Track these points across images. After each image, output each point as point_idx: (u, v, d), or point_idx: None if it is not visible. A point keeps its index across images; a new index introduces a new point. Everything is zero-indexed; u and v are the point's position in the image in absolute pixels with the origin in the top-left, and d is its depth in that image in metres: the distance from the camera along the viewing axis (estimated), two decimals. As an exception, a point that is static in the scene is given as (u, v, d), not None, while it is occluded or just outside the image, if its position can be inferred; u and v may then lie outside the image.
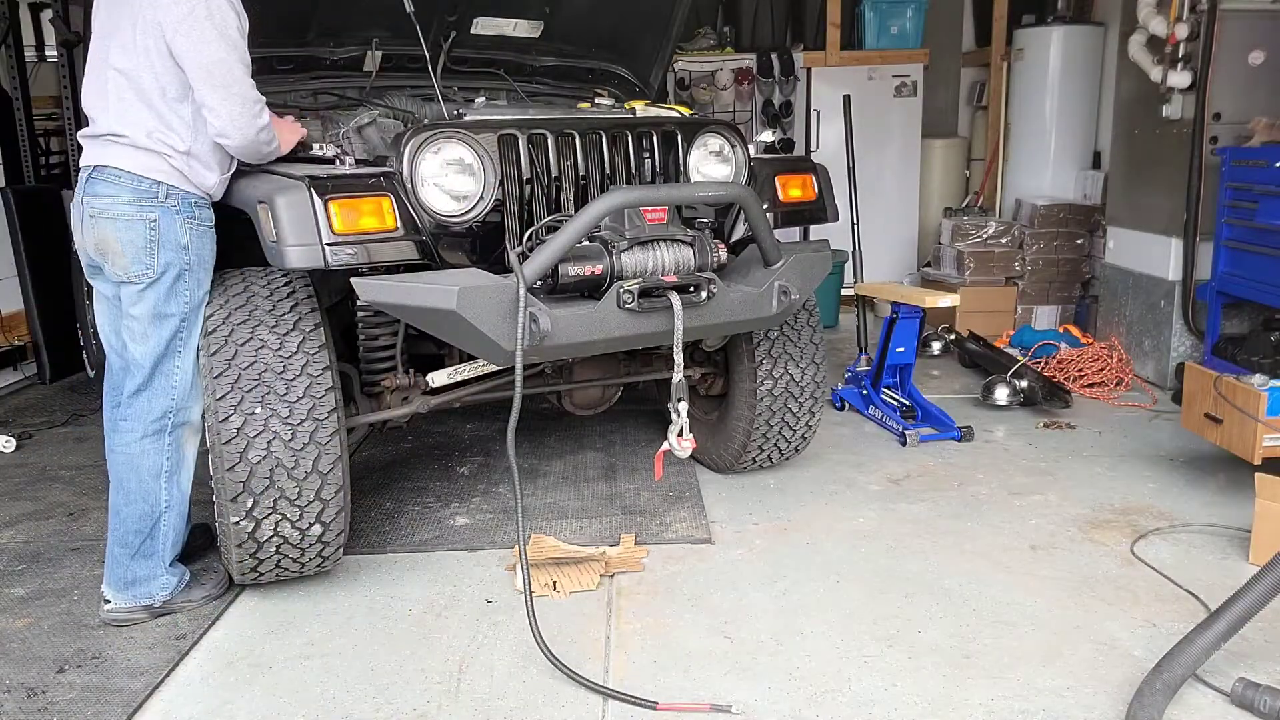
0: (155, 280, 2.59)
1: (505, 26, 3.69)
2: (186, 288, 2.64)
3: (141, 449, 2.68)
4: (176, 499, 2.75)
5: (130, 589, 2.75)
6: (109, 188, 2.56)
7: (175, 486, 2.74)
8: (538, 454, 4.11)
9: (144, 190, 2.56)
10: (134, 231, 2.56)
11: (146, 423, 2.67)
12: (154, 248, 2.57)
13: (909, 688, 2.39)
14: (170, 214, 2.58)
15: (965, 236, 6.27)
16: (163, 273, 2.59)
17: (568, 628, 2.70)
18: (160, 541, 2.74)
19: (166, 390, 2.67)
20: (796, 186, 3.33)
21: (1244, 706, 2.24)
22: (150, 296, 2.60)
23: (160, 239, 2.58)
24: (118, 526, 2.73)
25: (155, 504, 2.71)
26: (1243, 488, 3.39)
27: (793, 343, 3.51)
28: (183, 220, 2.60)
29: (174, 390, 2.67)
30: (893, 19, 6.96)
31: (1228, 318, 4.54)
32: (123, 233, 2.57)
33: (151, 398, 2.66)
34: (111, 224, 2.57)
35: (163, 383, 2.66)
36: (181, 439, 2.73)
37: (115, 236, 2.57)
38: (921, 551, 3.15)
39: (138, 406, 2.67)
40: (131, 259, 2.58)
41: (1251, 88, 4.56)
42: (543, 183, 2.89)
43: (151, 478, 2.69)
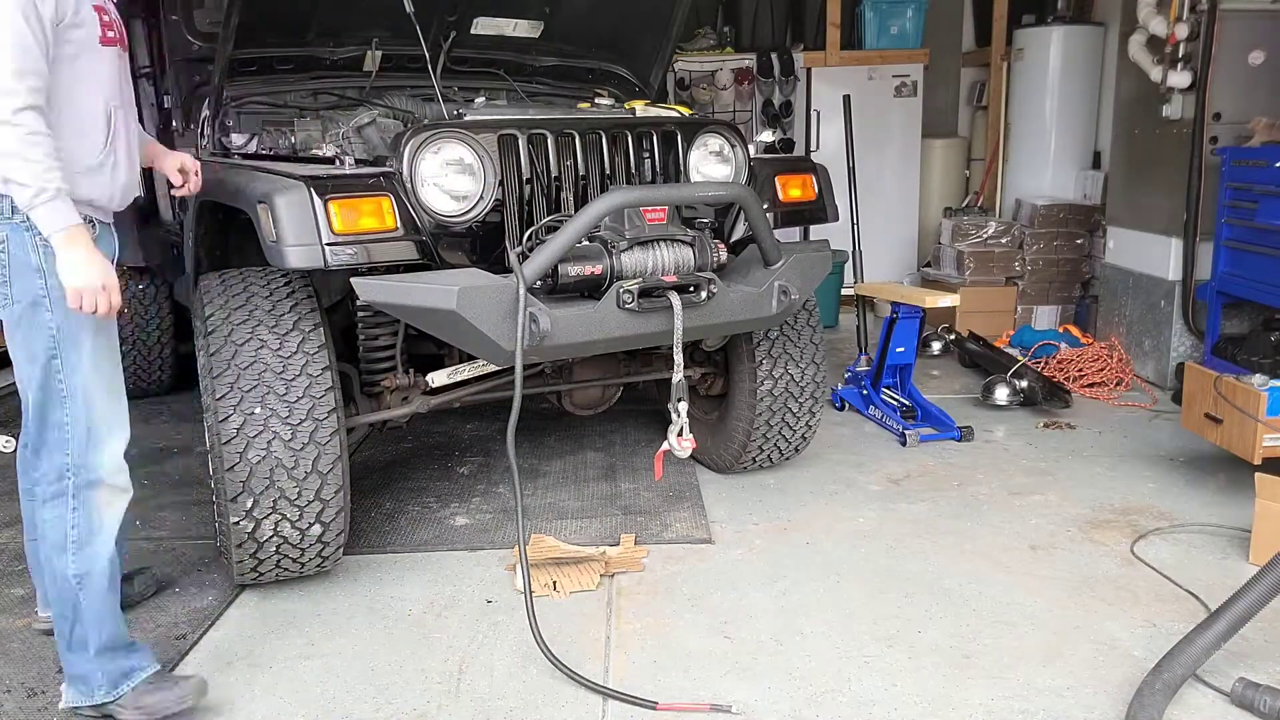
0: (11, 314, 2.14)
1: (505, 26, 3.69)
2: (51, 319, 2.13)
3: (44, 517, 2.23)
4: (91, 572, 2.23)
5: (74, 685, 2.29)
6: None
7: (86, 559, 2.22)
8: (538, 454, 4.11)
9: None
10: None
11: (45, 486, 2.22)
12: (5, 275, 2.11)
13: (909, 688, 2.39)
14: (19, 231, 2.09)
15: (965, 236, 6.27)
16: (17, 303, 2.12)
17: (568, 628, 2.70)
18: (84, 627, 2.23)
19: (59, 444, 2.18)
20: (796, 186, 3.33)
21: (1244, 706, 2.24)
22: (15, 334, 2.16)
23: (9, 262, 2.10)
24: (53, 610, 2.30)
25: (65, 582, 2.21)
26: (1243, 488, 3.39)
27: (793, 343, 3.51)
28: (34, 238, 2.09)
29: (66, 443, 2.18)
30: (893, 19, 6.96)
31: (1228, 318, 4.54)
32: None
33: (47, 454, 2.20)
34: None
35: (54, 435, 2.19)
36: (92, 502, 2.22)
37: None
38: (921, 551, 3.15)
39: (40, 468, 2.22)
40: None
41: (1251, 88, 4.56)
42: (543, 183, 2.89)
43: (57, 550, 2.21)
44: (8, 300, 2.13)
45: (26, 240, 2.09)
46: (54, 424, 2.18)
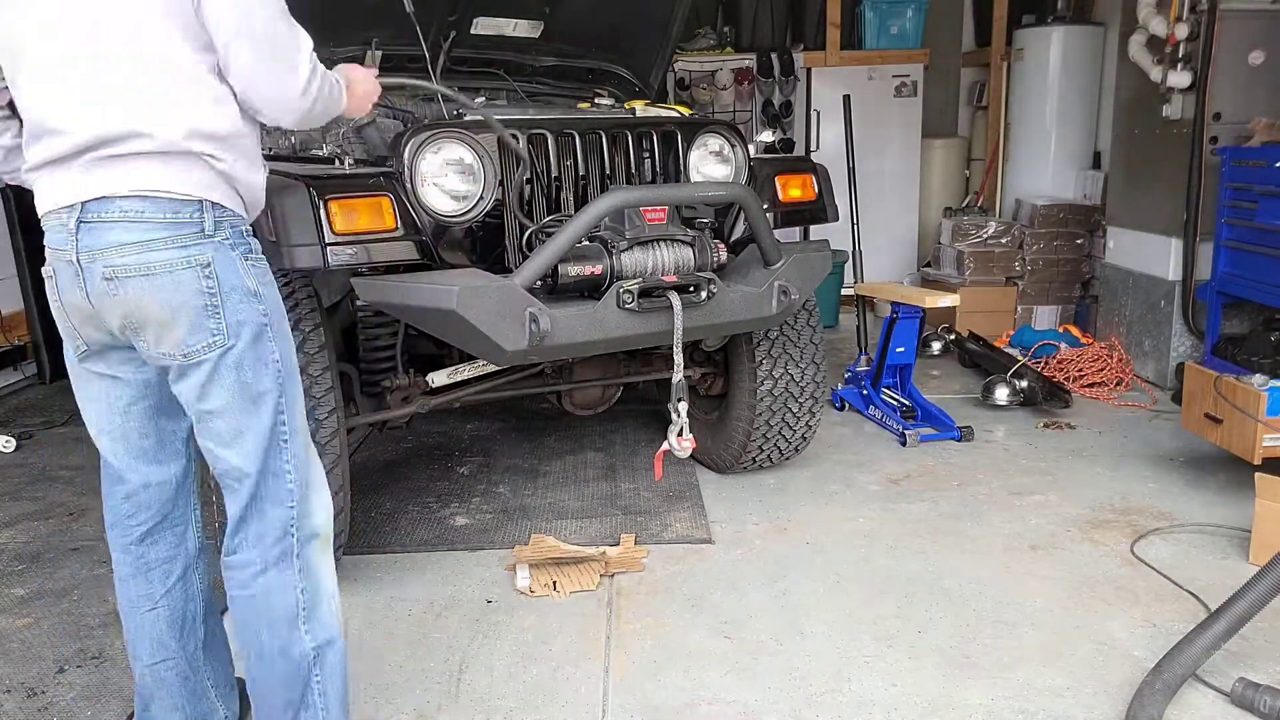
0: (226, 351, 1.78)
1: (505, 26, 3.69)
2: (275, 350, 1.84)
3: (265, 588, 1.87)
4: (333, 641, 1.94)
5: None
6: (133, 230, 1.71)
7: (320, 625, 1.92)
8: (538, 454, 4.11)
9: (183, 222, 1.73)
10: (184, 288, 1.73)
11: (265, 550, 1.87)
12: (216, 305, 1.76)
13: (909, 688, 2.39)
14: (225, 250, 1.77)
15: (965, 236, 6.27)
16: (235, 338, 1.78)
17: (568, 628, 2.70)
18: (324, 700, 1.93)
19: (280, 497, 1.87)
20: (796, 186, 3.33)
21: (1244, 706, 2.24)
22: (226, 378, 1.79)
23: (220, 289, 1.76)
24: (262, 703, 1.93)
25: (302, 658, 1.89)
26: (1243, 488, 3.39)
27: (793, 343, 3.51)
28: (241, 257, 1.80)
29: (290, 494, 1.88)
30: (893, 19, 6.96)
31: (1228, 318, 4.54)
32: (169, 294, 1.72)
33: (265, 514, 1.87)
34: (149, 284, 1.72)
35: (274, 487, 1.86)
36: (313, 558, 1.93)
37: (159, 301, 1.72)
38: (921, 551, 3.15)
39: (249, 532, 1.87)
40: (191, 330, 1.75)
41: (1251, 88, 4.56)
42: (543, 183, 2.89)
43: (288, 624, 1.88)
44: (219, 334, 1.76)
45: (234, 261, 1.78)
46: (274, 473, 1.85)
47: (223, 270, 1.76)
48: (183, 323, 1.74)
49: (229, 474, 1.86)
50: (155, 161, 1.71)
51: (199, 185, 1.74)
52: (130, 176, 1.70)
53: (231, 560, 1.90)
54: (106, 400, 1.91)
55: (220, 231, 1.77)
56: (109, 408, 1.92)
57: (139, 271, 1.71)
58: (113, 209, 1.70)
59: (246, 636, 1.91)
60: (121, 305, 1.73)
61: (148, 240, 1.71)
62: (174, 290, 1.72)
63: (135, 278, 1.71)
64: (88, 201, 1.71)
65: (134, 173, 1.70)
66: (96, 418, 1.94)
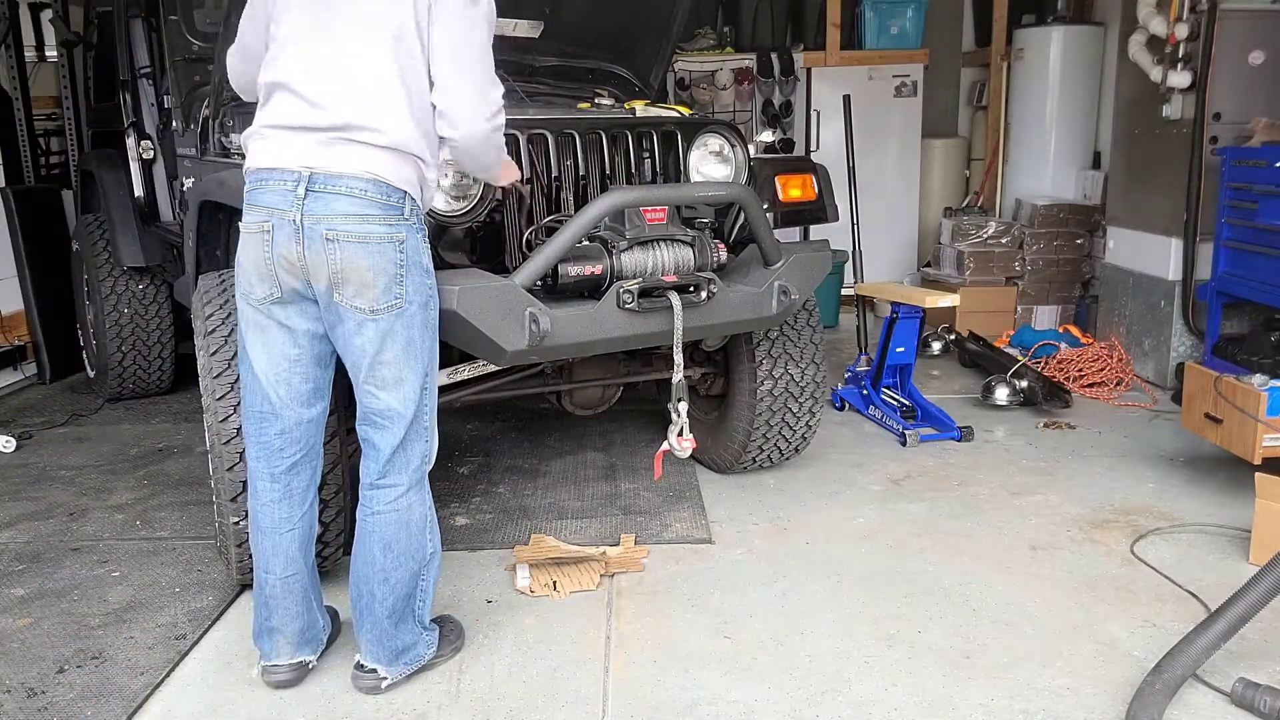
0: (401, 313, 2.20)
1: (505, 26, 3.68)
2: (434, 317, 2.30)
3: (408, 504, 2.33)
4: (439, 545, 2.45)
5: (401, 658, 2.41)
6: (359, 204, 2.11)
7: (436, 535, 2.44)
8: (538, 454, 4.11)
9: (393, 206, 2.15)
10: (385, 257, 2.14)
11: (408, 474, 2.32)
12: (402, 275, 2.18)
13: (909, 688, 2.39)
14: (414, 232, 2.20)
15: (965, 236, 6.27)
16: (411, 302, 2.21)
17: (568, 628, 2.70)
18: (425, 595, 2.44)
19: (422, 434, 2.33)
20: (796, 186, 3.33)
21: (1244, 706, 2.24)
22: (398, 333, 2.20)
23: (408, 263, 2.19)
24: (387, 596, 2.34)
25: (423, 559, 2.38)
26: (1243, 488, 3.39)
27: (793, 343, 3.51)
28: (422, 240, 2.25)
29: (428, 431, 2.34)
30: (893, 19, 6.96)
31: (1228, 318, 4.54)
32: (375, 259, 2.13)
33: (412, 446, 2.31)
34: (362, 249, 2.12)
35: (419, 427, 2.31)
36: (427, 483, 2.42)
37: (366, 264, 2.13)
38: (921, 551, 3.15)
39: (399, 460, 2.30)
40: (383, 290, 2.16)
41: (1251, 88, 4.56)
42: (542, 183, 2.89)
43: (419, 532, 2.36)
44: (401, 298, 2.18)
45: (419, 242, 2.22)
46: (420, 416, 2.30)
47: (411, 248, 2.19)
48: (380, 283, 2.14)
49: (385, 414, 2.26)
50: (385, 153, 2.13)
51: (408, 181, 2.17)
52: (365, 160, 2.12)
53: (381, 483, 2.31)
54: (280, 348, 2.26)
55: (414, 216, 2.20)
56: (282, 355, 2.27)
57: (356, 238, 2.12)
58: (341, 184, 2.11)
59: (386, 545, 2.32)
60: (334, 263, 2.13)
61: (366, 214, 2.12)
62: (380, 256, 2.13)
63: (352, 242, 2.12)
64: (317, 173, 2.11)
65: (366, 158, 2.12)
66: (267, 365, 2.28)
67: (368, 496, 2.33)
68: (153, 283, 4.76)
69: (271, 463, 2.34)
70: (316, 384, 2.33)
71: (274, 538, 2.36)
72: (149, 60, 4.21)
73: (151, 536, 3.35)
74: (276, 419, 2.30)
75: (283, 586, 2.38)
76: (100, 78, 5.07)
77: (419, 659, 2.45)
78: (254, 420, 2.32)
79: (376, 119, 2.12)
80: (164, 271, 4.70)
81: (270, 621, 2.41)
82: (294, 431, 2.32)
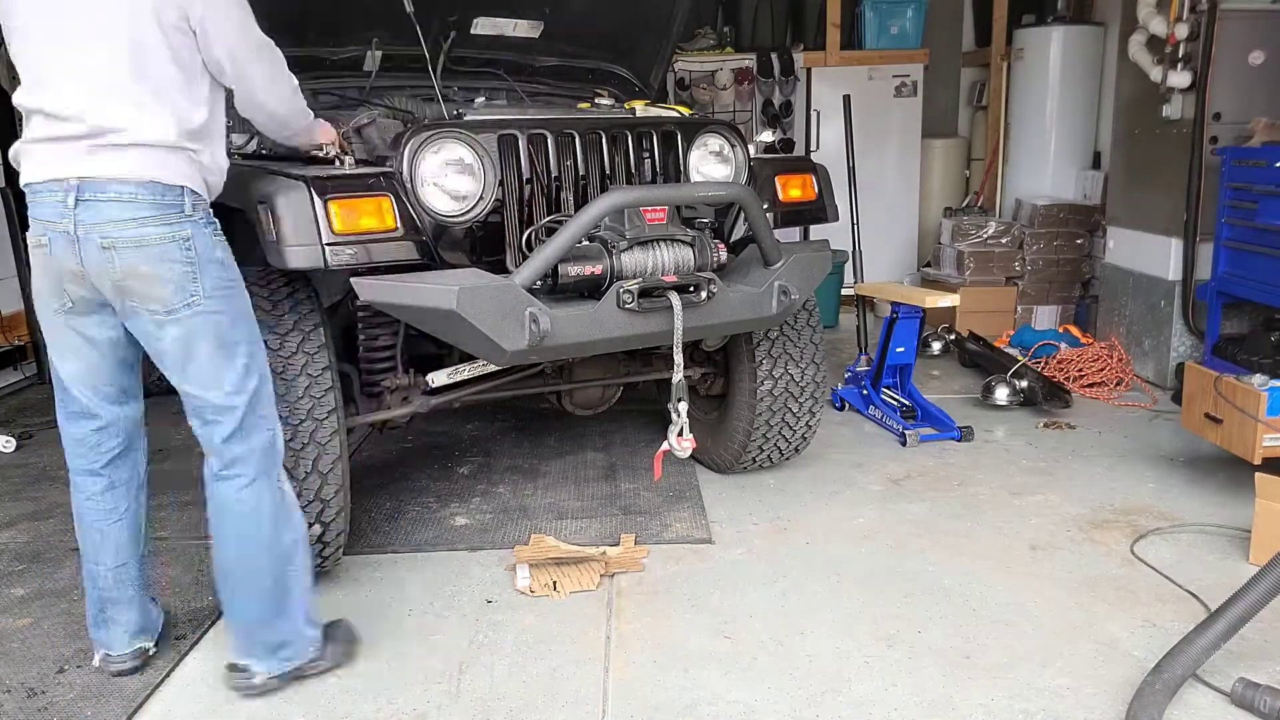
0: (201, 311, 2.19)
1: (505, 26, 3.69)
2: (242, 306, 2.29)
3: (256, 494, 2.31)
4: (301, 535, 2.43)
5: (276, 654, 2.40)
6: (128, 208, 2.08)
7: (297, 521, 2.42)
8: (538, 454, 4.11)
9: (169, 204, 2.12)
10: (170, 258, 2.12)
11: (251, 466, 2.30)
12: (194, 273, 2.15)
13: (909, 688, 2.39)
14: (200, 227, 2.18)
15: (965, 236, 6.27)
16: (212, 297, 2.20)
17: (568, 628, 2.70)
18: (296, 589, 2.41)
19: (260, 422, 2.31)
20: (796, 186, 3.33)
21: (1244, 706, 2.24)
22: (205, 331, 2.20)
23: (199, 260, 2.16)
24: (249, 589, 2.36)
25: (282, 552, 2.36)
26: (1243, 488, 3.39)
27: (793, 343, 3.51)
28: (211, 233, 2.22)
29: (267, 418, 2.33)
30: (893, 19, 6.96)
31: (1228, 318, 4.54)
32: (157, 262, 2.11)
33: (249, 435, 2.29)
34: (141, 253, 2.10)
35: (254, 416, 2.29)
36: (281, 475, 2.39)
37: (149, 269, 2.11)
38: (921, 551, 3.15)
39: (237, 450, 2.28)
40: (175, 290, 2.14)
41: (1251, 88, 4.56)
42: (542, 183, 2.89)
43: (272, 524, 2.34)
44: (198, 296, 2.16)
45: (208, 236, 2.20)
46: (255, 404, 2.29)
47: (201, 243, 2.17)
48: (170, 285, 2.13)
49: (210, 409, 2.26)
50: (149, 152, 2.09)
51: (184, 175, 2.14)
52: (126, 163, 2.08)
53: (225, 474, 2.30)
54: (83, 356, 2.29)
55: (199, 211, 2.18)
56: (84, 362, 2.30)
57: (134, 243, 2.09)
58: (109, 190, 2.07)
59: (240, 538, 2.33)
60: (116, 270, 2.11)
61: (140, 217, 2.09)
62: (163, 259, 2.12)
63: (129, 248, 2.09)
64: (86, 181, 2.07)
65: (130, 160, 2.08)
66: (73, 369, 2.30)
67: (214, 490, 2.33)
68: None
69: (90, 458, 2.39)
70: (123, 387, 2.38)
71: (102, 529, 2.43)
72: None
73: (151, 536, 3.34)
74: (92, 418, 2.36)
75: (114, 577, 2.45)
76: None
77: (295, 657, 2.42)
78: (68, 420, 2.37)
79: (126, 119, 2.06)
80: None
81: (105, 613, 2.47)
82: (111, 427, 2.38)
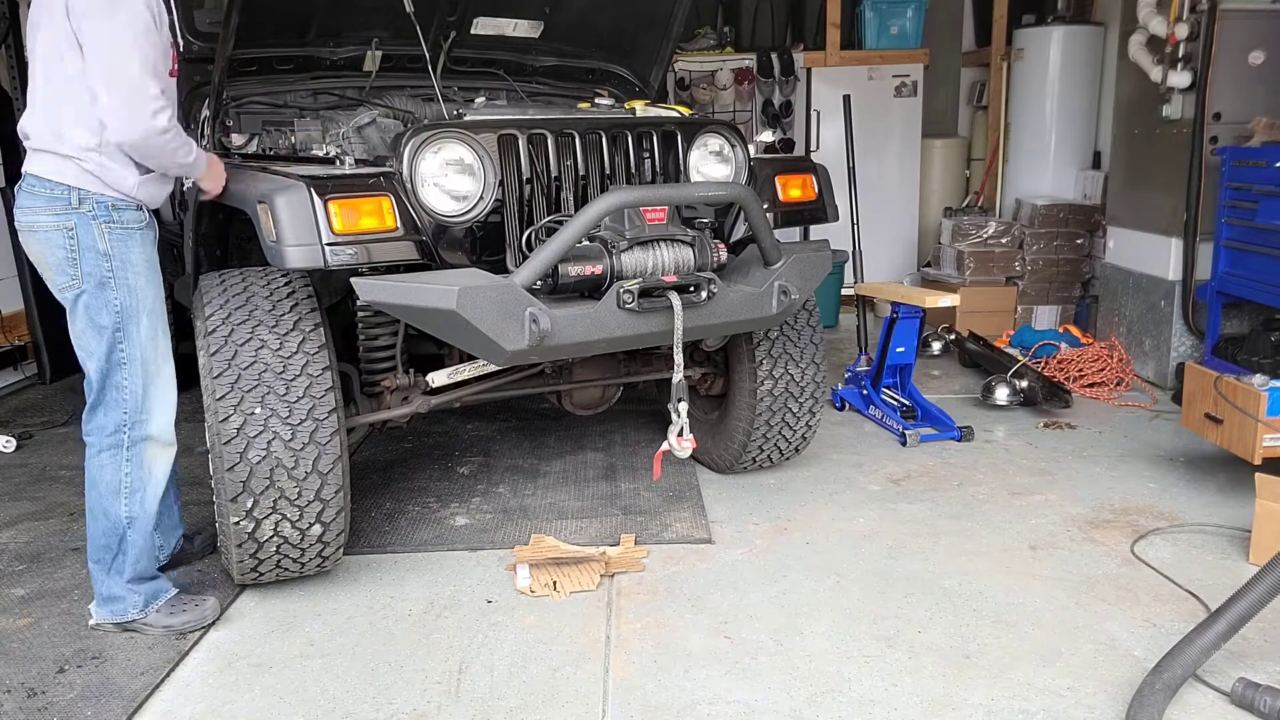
0: (80, 292, 2.51)
1: (505, 26, 3.69)
2: (116, 296, 2.53)
3: (99, 464, 2.60)
4: (140, 516, 2.64)
5: (107, 605, 2.68)
6: (27, 198, 2.50)
7: (138, 503, 2.63)
8: (538, 454, 4.11)
9: (58, 198, 2.47)
10: (53, 243, 2.49)
11: (102, 437, 2.59)
12: (74, 258, 2.49)
13: (909, 688, 2.39)
14: (86, 220, 2.48)
15: (965, 236, 6.27)
16: (86, 281, 2.50)
17: (568, 628, 2.70)
18: (125, 559, 2.65)
19: (117, 403, 2.58)
20: (796, 186, 3.33)
21: (1244, 706, 2.24)
22: (80, 310, 2.53)
23: (79, 247, 2.48)
24: (91, 544, 2.67)
25: (117, 521, 2.62)
26: (1243, 488, 3.39)
27: (793, 343, 3.51)
28: (100, 225, 2.49)
29: (124, 403, 2.58)
30: (893, 19, 6.96)
31: (1228, 318, 4.54)
32: (43, 245, 2.51)
33: (105, 411, 2.58)
34: (33, 236, 2.52)
35: (113, 395, 2.57)
36: (144, 454, 2.63)
37: (38, 250, 2.53)
38: (921, 551, 3.15)
39: (95, 421, 2.60)
40: (56, 272, 2.51)
41: (1251, 88, 4.56)
42: (543, 183, 2.89)
43: (111, 494, 2.61)
44: (75, 280, 2.50)
45: (93, 228, 2.49)
46: (113, 385, 2.56)
47: (83, 234, 2.48)
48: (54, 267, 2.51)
49: (86, 379, 2.61)
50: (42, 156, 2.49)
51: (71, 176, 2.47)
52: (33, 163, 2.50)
53: (85, 438, 2.62)
54: None
55: (87, 205, 2.48)
56: None
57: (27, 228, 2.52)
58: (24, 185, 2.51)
59: (88, 490, 2.63)
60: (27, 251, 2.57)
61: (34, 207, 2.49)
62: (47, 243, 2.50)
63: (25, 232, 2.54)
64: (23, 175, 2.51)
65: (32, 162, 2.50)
66: None
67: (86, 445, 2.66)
68: (152, 283, 4.75)
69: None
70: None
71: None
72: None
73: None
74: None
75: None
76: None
77: (123, 614, 2.67)
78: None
79: (30, 126, 2.49)
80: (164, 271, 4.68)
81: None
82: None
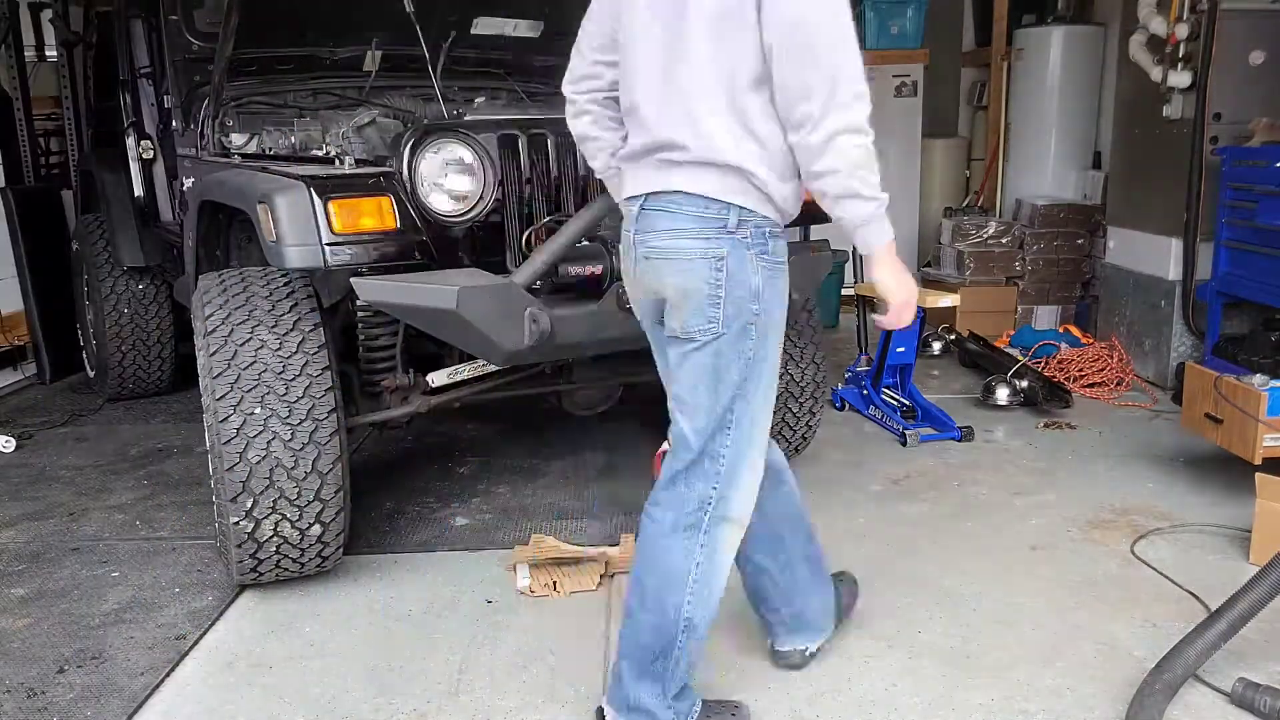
0: (716, 338, 1.97)
1: (505, 26, 3.69)
2: (750, 348, 1.99)
3: (667, 546, 2.09)
4: (699, 619, 2.10)
5: (632, 714, 2.12)
6: (667, 219, 1.95)
7: (702, 600, 2.10)
8: (538, 454, 4.10)
9: (711, 219, 1.92)
10: (695, 275, 1.94)
11: (680, 513, 2.08)
12: (719, 296, 1.94)
13: (909, 688, 2.39)
14: (741, 248, 1.94)
15: (965, 236, 6.26)
16: (728, 327, 1.96)
17: (568, 628, 2.70)
18: (669, 668, 2.10)
19: (710, 474, 2.06)
20: (797, 186, 3.32)
21: (1244, 706, 2.24)
22: (706, 358, 1.99)
23: (727, 282, 1.93)
24: (628, 636, 2.13)
25: (673, 621, 2.08)
26: (1243, 488, 3.39)
27: (793, 343, 3.51)
28: (755, 255, 1.96)
29: (717, 474, 2.06)
30: (893, 19, 6.95)
31: (1228, 318, 4.54)
32: (679, 276, 1.95)
33: (691, 482, 2.07)
34: (667, 265, 1.97)
35: (708, 465, 2.05)
36: (719, 540, 2.10)
37: (671, 282, 1.97)
38: (921, 551, 3.14)
39: (675, 491, 2.09)
40: (690, 311, 1.96)
41: (1251, 88, 4.56)
42: (543, 183, 2.89)
43: (673, 585, 2.08)
44: (715, 321, 1.95)
45: (747, 259, 1.95)
46: (709, 453, 2.05)
47: (734, 265, 1.93)
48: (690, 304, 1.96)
49: (677, 437, 2.09)
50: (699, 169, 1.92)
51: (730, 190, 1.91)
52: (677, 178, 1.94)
53: (653, 509, 2.13)
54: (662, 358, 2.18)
55: (742, 230, 1.93)
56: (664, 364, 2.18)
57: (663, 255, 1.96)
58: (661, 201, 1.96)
59: (641, 572, 2.12)
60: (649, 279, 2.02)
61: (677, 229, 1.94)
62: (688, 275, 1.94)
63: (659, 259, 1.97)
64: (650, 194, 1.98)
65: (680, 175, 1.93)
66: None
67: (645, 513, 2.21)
68: (153, 283, 4.76)
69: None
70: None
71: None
72: (149, 60, 4.20)
73: (151, 536, 3.35)
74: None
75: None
76: (100, 78, 5.07)
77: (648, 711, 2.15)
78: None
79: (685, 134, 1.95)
80: (164, 271, 4.70)
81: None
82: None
